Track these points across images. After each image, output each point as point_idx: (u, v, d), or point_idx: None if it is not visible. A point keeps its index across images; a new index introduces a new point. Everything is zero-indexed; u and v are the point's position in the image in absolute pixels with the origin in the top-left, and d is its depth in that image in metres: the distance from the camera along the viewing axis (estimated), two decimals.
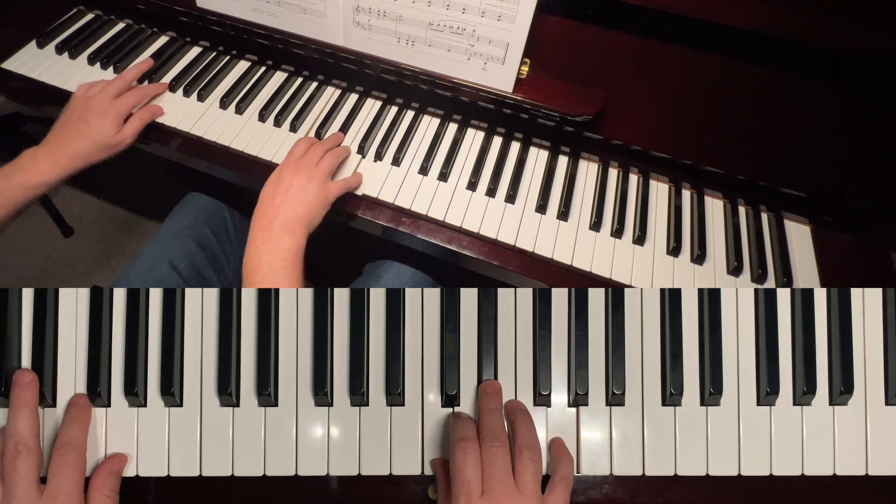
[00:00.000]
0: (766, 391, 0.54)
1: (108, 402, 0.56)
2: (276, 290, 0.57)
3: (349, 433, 0.55)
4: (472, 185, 0.76)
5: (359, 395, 0.55)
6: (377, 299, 0.57)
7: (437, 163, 0.78)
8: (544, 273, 0.70)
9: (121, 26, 0.95)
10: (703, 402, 0.55)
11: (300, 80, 0.87)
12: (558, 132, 0.78)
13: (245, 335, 0.56)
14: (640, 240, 0.72)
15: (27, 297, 0.57)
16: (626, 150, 0.76)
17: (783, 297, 0.57)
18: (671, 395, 0.55)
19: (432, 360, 0.56)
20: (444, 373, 0.55)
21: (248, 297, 0.57)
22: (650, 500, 0.55)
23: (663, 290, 0.57)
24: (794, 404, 0.55)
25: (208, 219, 0.90)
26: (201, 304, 0.57)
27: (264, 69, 0.88)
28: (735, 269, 0.70)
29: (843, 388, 0.54)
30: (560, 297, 0.56)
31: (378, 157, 0.79)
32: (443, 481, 0.53)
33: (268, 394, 0.55)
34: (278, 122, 0.82)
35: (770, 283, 0.69)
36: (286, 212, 0.65)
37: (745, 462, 0.54)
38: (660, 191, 0.78)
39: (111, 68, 0.88)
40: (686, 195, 0.78)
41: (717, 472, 0.54)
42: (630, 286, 0.68)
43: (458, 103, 0.82)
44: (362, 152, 0.79)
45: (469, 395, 0.55)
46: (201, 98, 0.84)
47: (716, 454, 0.55)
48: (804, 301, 0.56)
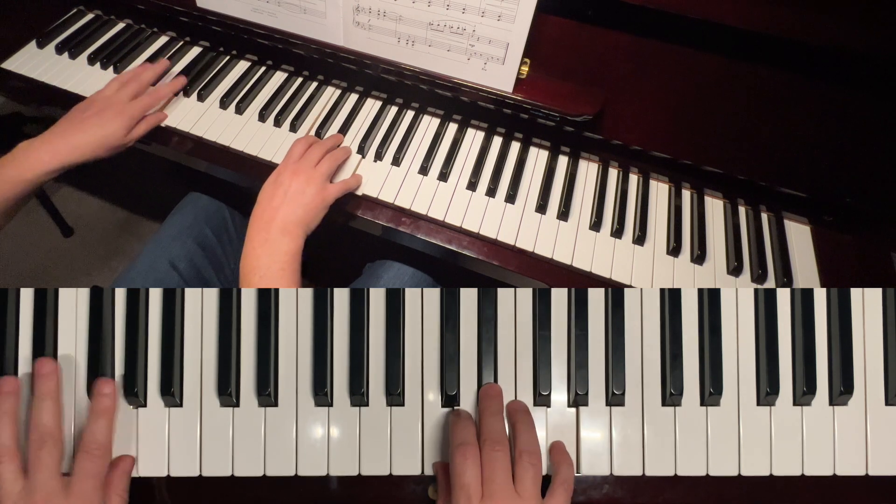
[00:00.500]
0: (766, 391, 0.54)
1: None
2: (276, 290, 0.57)
3: (349, 433, 0.55)
4: (472, 185, 0.76)
5: (359, 395, 0.55)
6: (377, 299, 0.57)
7: (437, 163, 0.78)
8: (544, 273, 0.70)
9: (121, 26, 0.95)
10: (703, 403, 0.55)
11: (300, 80, 0.87)
12: (558, 132, 0.78)
13: (245, 335, 0.56)
14: (640, 240, 0.72)
15: (27, 297, 0.57)
16: (626, 150, 0.76)
17: (783, 297, 0.57)
18: (671, 395, 0.55)
19: (432, 360, 0.56)
20: (444, 373, 0.55)
21: (248, 297, 0.57)
22: (650, 500, 0.55)
23: (663, 290, 0.57)
24: (794, 404, 0.55)
25: (208, 219, 0.90)
26: (201, 304, 0.57)
27: (264, 69, 0.88)
28: (735, 269, 0.70)
29: (843, 389, 0.54)
30: (560, 297, 0.56)
31: (378, 157, 0.79)
32: (444, 484, 0.52)
33: (268, 394, 0.55)
34: (278, 122, 0.82)
35: (770, 283, 0.69)
36: (284, 214, 0.65)
37: (745, 462, 0.54)
38: (660, 191, 0.78)
39: (111, 68, 0.88)
40: (686, 195, 0.78)
41: (717, 472, 0.54)
42: (630, 286, 0.68)
43: (458, 103, 0.82)
44: (362, 152, 0.79)
45: (469, 396, 0.55)
46: (201, 98, 0.84)
47: (716, 454, 0.55)
48: (804, 301, 0.56)
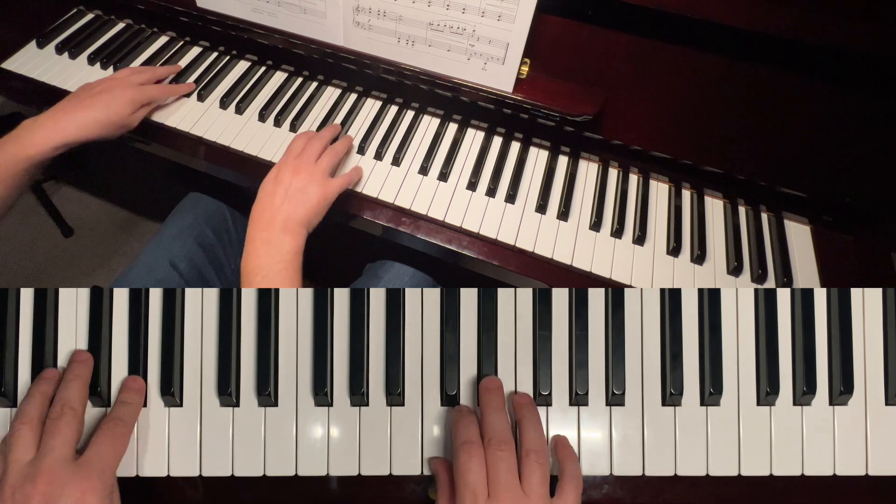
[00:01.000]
0: (766, 391, 0.54)
1: (108, 402, 0.56)
2: (276, 290, 0.57)
3: (349, 433, 0.55)
4: (472, 185, 0.76)
5: (359, 395, 0.55)
6: (377, 299, 0.57)
7: (437, 163, 0.78)
8: (544, 273, 0.70)
9: (121, 26, 0.95)
10: (703, 402, 0.55)
11: (300, 80, 0.87)
12: (558, 132, 0.78)
13: (245, 335, 0.56)
14: (640, 240, 0.72)
15: (27, 297, 0.57)
16: (626, 150, 0.76)
17: (783, 297, 0.57)
18: (671, 395, 0.55)
19: (432, 360, 0.56)
20: (444, 373, 0.55)
21: (248, 297, 0.57)
22: (650, 500, 0.55)
23: (663, 290, 0.57)
24: (794, 404, 0.55)
25: (209, 219, 0.90)
26: (201, 304, 0.57)
27: (264, 69, 0.88)
28: (735, 269, 0.70)
29: (843, 388, 0.54)
30: (560, 297, 0.56)
31: (378, 156, 0.79)
32: (443, 482, 0.52)
33: (268, 394, 0.55)
34: (278, 122, 0.82)
35: (770, 283, 0.69)
36: (286, 212, 0.64)
37: (745, 462, 0.54)
38: (660, 191, 0.78)
39: (111, 68, 0.88)
40: (686, 195, 0.78)
41: (717, 472, 0.54)
42: (630, 286, 0.68)
43: (458, 103, 0.82)
44: (362, 152, 0.79)
45: (469, 396, 0.55)
46: (201, 98, 0.84)
47: (716, 454, 0.55)
48: (804, 301, 0.56)
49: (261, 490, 0.56)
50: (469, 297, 0.57)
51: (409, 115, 0.84)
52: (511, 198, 0.75)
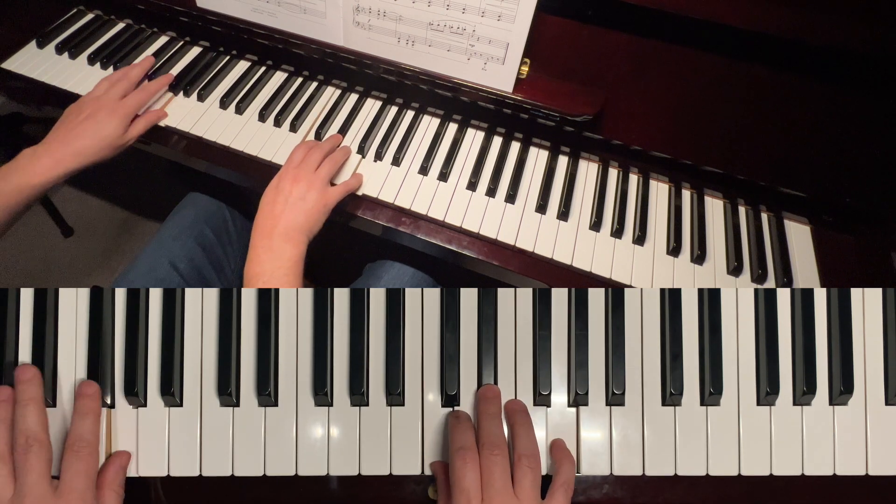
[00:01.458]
0: (766, 391, 0.54)
1: (108, 401, 0.55)
2: (276, 291, 0.57)
3: (349, 433, 0.55)
4: (472, 185, 0.76)
5: (359, 395, 0.55)
6: (377, 299, 0.57)
7: (437, 163, 0.78)
8: (544, 273, 0.70)
9: (121, 26, 0.95)
10: (703, 402, 0.55)
11: (300, 80, 0.87)
12: (558, 132, 0.78)
13: (245, 335, 0.56)
14: (640, 240, 0.72)
15: (27, 297, 0.57)
16: (626, 150, 0.76)
17: (783, 297, 0.57)
18: (671, 395, 0.55)
19: (432, 360, 0.56)
20: (444, 373, 0.55)
21: (248, 298, 0.57)
22: (650, 500, 0.55)
23: (663, 290, 0.57)
24: (794, 404, 0.55)
25: (209, 219, 0.90)
26: (201, 304, 0.57)
27: (264, 69, 0.88)
28: (735, 269, 0.70)
29: (843, 388, 0.54)
30: (560, 297, 0.56)
31: (378, 157, 0.79)
32: (443, 485, 0.52)
33: (268, 394, 0.55)
34: (278, 122, 0.82)
35: (770, 283, 0.69)
36: (286, 220, 0.65)
37: (745, 462, 0.54)
38: (660, 191, 0.78)
39: (111, 68, 0.88)
40: (686, 195, 0.78)
41: (717, 472, 0.54)
42: (630, 286, 0.68)
43: (458, 103, 0.82)
44: (362, 152, 0.79)
45: (469, 396, 0.55)
46: (201, 98, 0.84)
47: (716, 454, 0.55)
48: (804, 301, 0.56)
49: (261, 490, 0.56)
50: (469, 297, 0.57)
51: (409, 115, 0.84)
52: (511, 198, 0.75)
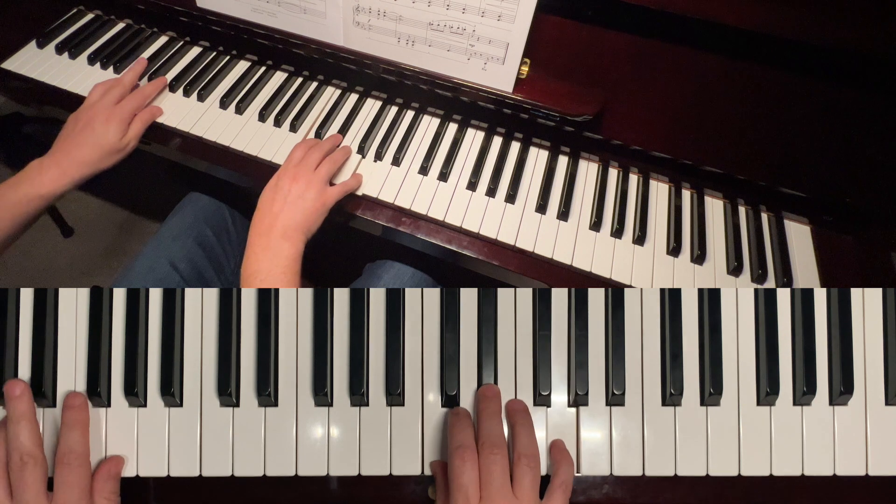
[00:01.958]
0: (766, 391, 0.54)
1: (108, 402, 0.56)
2: (276, 291, 0.57)
3: (349, 433, 0.55)
4: (472, 185, 0.76)
5: (359, 395, 0.55)
6: (377, 299, 0.57)
7: (437, 163, 0.78)
8: (544, 273, 0.70)
9: (121, 26, 0.95)
10: (703, 402, 0.55)
11: (300, 80, 0.87)
12: (558, 132, 0.78)
13: (245, 335, 0.56)
14: (640, 240, 0.72)
15: (27, 297, 0.57)
16: (626, 150, 0.76)
17: (783, 297, 0.57)
18: (671, 395, 0.55)
19: (432, 360, 0.56)
20: (444, 373, 0.55)
21: (248, 298, 0.57)
22: (650, 500, 0.55)
23: (663, 290, 0.57)
24: (794, 404, 0.55)
25: (208, 219, 0.90)
26: (201, 304, 0.57)
27: (264, 69, 0.88)
28: (735, 269, 0.70)
29: (843, 389, 0.54)
30: (560, 297, 0.56)
31: (378, 157, 0.79)
32: (442, 484, 0.52)
33: (268, 394, 0.55)
34: (278, 122, 0.82)
35: (770, 283, 0.69)
36: (285, 219, 0.65)
37: (745, 462, 0.54)
38: (660, 191, 0.78)
39: (111, 68, 0.88)
40: (686, 195, 0.78)
41: (717, 472, 0.54)
42: (630, 286, 0.68)
43: (458, 103, 0.82)
44: (362, 152, 0.79)
45: (469, 396, 0.55)
46: (201, 98, 0.84)
47: (716, 454, 0.55)
48: (804, 301, 0.56)
49: (261, 490, 0.55)
50: (469, 297, 0.56)
51: (409, 115, 0.84)
52: (511, 198, 0.75)
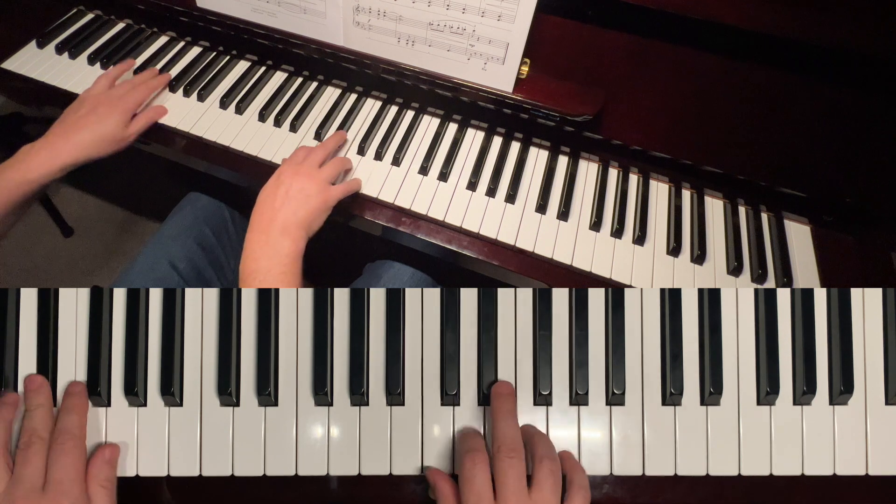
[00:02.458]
0: (766, 391, 0.54)
1: (108, 401, 0.56)
2: (277, 291, 0.57)
3: (349, 433, 0.55)
4: (472, 185, 0.76)
5: (359, 394, 0.55)
6: (377, 299, 0.57)
7: (437, 163, 0.78)
8: (544, 273, 0.70)
9: (121, 26, 0.95)
10: (703, 402, 0.55)
11: (300, 80, 0.87)
12: (558, 132, 0.78)
13: (245, 335, 0.56)
14: (640, 240, 0.72)
15: (27, 297, 0.57)
16: (627, 150, 0.76)
17: (783, 297, 0.57)
18: (671, 394, 0.55)
19: (432, 360, 0.56)
20: (444, 373, 0.55)
21: (248, 298, 0.57)
22: (650, 499, 0.55)
23: (663, 290, 0.57)
24: (794, 404, 0.55)
25: (208, 219, 0.90)
26: (201, 304, 0.57)
27: (264, 69, 0.88)
28: (735, 269, 0.70)
29: (843, 388, 0.54)
30: (560, 297, 0.56)
31: (378, 157, 0.79)
32: (442, 494, 0.50)
33: (268, 394, 0.55)
34: (278, 122, 0.82)
35: (770, 283, 0.69)
36: (285, 214, 0.64)
37: (745, 462, 0.54)
38: (660, 191, 0.78)
39: (111, 68, 0.88)
40: (686, 195, 0.78)
41: (717, 472, 0.54)
42: (630, 286, 0.68)
43: (458, 103, 0.82)
44: (362, 152, 0.79)
45: (469, 396, 0.55)
46: (201, 98, 0.84)
47: (716, 454, 0.55)
48: (804, 301, 0.56)
49: (261, 490, 0.56)
50: (469, 297, 0.57)
51: (409, 115, 0.84)
52: (511, 198, 0.75)
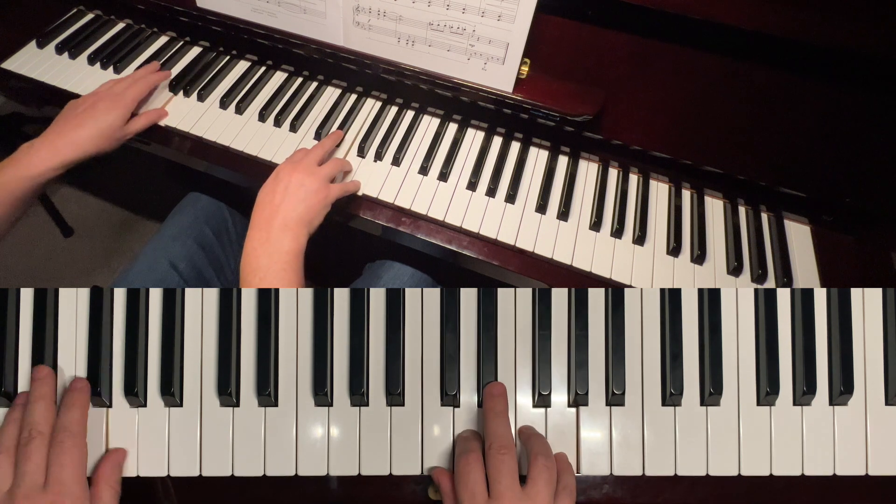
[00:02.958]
0: (766, 391, 0.54)
1: (108, 401, 0.56)
2: (277, 290, 0.57)
3: (349, 433, 0.55)
4: (472, 185, 0.76)
5: (359, 395, 0.55)
6: (377, 299, 0.57)
7: (437, 163, 0.78)
8: (544, 273, 0.70)
9: (121, 26, 0.95)
10: (703, 402, 0.55)
11: (300, 80, 0.87)
12: (558, 132, 0.78)
13: (245, 335, 0.56)
14: (640, 240, 0.72)
15: (27, 297, 0.57)
16: (627, 150, 0.76)
17: (783, 297, 0.57)
18: (671, 395, 0.55)
19: (432, 360, 0.56)
20: (444, 373, 0.55)
21: (248, 297, 0.57)
22: (650, 500, 0.55)
23: (663, 290, 0.57)
24: (794, 404, 0.55)
25: (208, 219, 0.90)
26: (201, 304, 0.57)
27: (264, 69, 0.88)
28: (735, 269, 0.70)
29: (843, 388, 0.54)
30: (560, 297, 0.56)
31: (378, 157, 0.79)
32: (446, 491, 0.52)
33: (268, 394, 0.55)
34: (278, 122, 0.82)
35: (770, 283, 0.69)
36: (285, 210, 0.64)
37: (745, 462, 0.54)
38: (660, 191, 0.78)
39: (111, 68, 0.88)
40: (686, 195, 0.78)
41: (717, 472, 0.54)
42: (630, 286, 0.68)
43: (458, 103, 0.82)
44: (362, 152, 0.79)
45: (469, 395, 0.55)
46: (201, 98, 0.84)
47: (716, 454, 0.55)
48: (804, 301, 0.56)
49: (261, 490, 0.56)
50: (469, 297, 0.56)
51: (409, 115, 0.84)
52: (511, 198, 0.75)
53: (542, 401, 0.55)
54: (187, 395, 0.56)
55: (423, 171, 0.77)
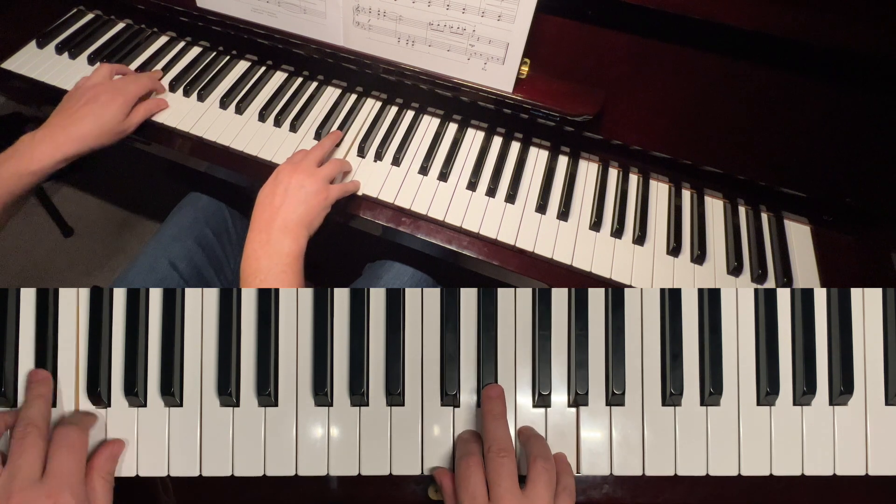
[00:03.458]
0: (766, 391, 0.54)
1: (108, 402, 0.56)
2: (277, 290, 0.57)
3: (349, 433, 0.55)
4: (472, 185, 0.76)
5: (359, 395, 0.55)
6: (377, 299, 0.57)
7: (437, 163, 0.78)
8: (544, 273, 0.70)
9: (121, 26, 0.95)
10: (703, 402, 0.55)
11: (300, 80, 0.87)
12: (558, 132, 0.78)
13: (245, 335, 0.56)
14: (640, 240, 0.72)
15: (27, 297, 0.57)
16: (627, 150, 0.76)
17: (783, 297, 0.57)
18: (671, 395, 0.55)
19: (432, 360, 0.56)
20: (444, 373, 0.55)
21: (248, 297, 0.57)
22: (650, 500, 0.55)
23: (663, 290, 0.57)
24: (794, 404, 0.55)
25: (208, 219, 0.90)
26: (201, 304, 0.57)
27: (264, 69, 0.88)
28: (735, 269, 0.70)
29: (843, 388, 0.54)
30: (560, 297, 0.56)
31: (378, 157, 0.79)
32: (448, 492, 0.52)
33: (268, 394, 0.55)
34: (278, 122, 0.82)
35: (770, 283, 0.69)
36: (285, 212, 0.64)
37: (745, 462, 0.54)
38: (660, 191, 0.78)
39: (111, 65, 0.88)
40: (686, 195, 0.78)
41: (717, 472, 0.54)
42: (630, 286, 0.68)
43: (458, 103, 0.82)
44: (362, 152, 0.79)
45: (469, 395, 0.55)
46: (201, 98, 0.84)
47: (716, 454, 0.55)
48: (804, 301, 0.56)
49: (261, 490, 0.56)
50: (469, 297, 0.57)
51: (409, 115, 0.84)
52: (511, 198, 0.75)
53: (542, 401, 0.55)
54: (187, 395, 0.56)
55: (423, 171, 0.77)
